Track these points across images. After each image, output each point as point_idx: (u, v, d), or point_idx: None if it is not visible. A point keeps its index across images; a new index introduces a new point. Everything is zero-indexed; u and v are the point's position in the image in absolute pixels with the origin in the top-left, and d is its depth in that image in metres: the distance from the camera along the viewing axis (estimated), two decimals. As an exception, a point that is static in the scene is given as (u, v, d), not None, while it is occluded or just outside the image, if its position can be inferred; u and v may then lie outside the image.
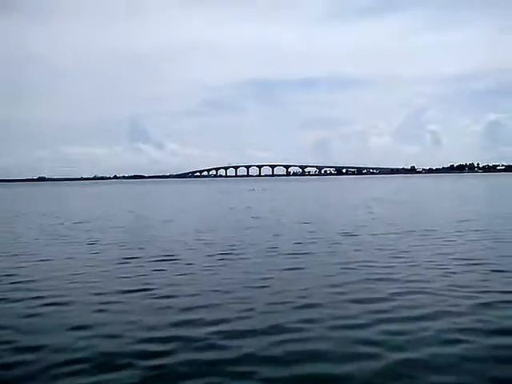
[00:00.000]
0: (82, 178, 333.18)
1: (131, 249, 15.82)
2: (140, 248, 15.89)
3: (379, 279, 10.59)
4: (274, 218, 26.13)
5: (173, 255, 14.11)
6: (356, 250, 14.53)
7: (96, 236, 19.37)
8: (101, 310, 8.69)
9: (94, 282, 11.00)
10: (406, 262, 12.54)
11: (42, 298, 9.61)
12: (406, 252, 14.09)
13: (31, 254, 15.22)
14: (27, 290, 10.32)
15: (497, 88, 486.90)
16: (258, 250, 14.89)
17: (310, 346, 6.81)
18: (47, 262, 13.79)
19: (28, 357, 6.63)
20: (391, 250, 14.55)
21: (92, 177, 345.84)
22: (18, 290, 10.33)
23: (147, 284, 10.59)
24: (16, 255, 15.21)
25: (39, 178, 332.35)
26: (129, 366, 6.28)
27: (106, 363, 6.37)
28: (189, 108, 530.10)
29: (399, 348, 6.66)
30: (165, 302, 9.16)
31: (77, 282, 10.96)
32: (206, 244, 16.44)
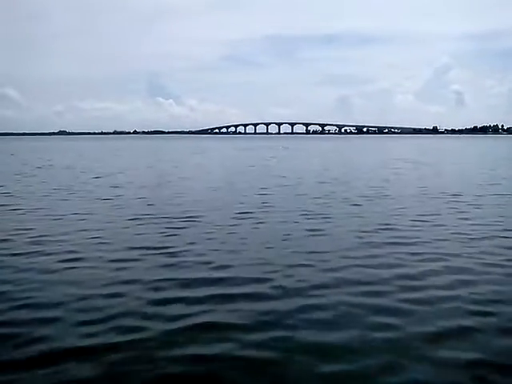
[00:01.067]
0: (102, 133, 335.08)
1: (149, 206, 15.61)
2: (157, 206, 15.65)
3: (402, 243, 10.15)
4: (295, 177, 25.62)
5: (191, 215, 13.75)
6: (379, 213, 14.04)
7: (113, 192, 19.18)
8: (117, 269, 8.44)
9: (109, 238, 10.78)
10: (431, 226, 12.05)
11: (57, 253, 9.45)
12: (431, 215, 13.54)
13: (49, 209, 15.11)
14: (42, 244, 10.15)
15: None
16: (277, 211, 14.48)
17: (326, 314, 6.45)
18: (65, 218, 13.64)
19: (42, 314, 6.45)
20: (415, 213, 14.02)
21: (112, 131, 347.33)
22: (33, 244, 10.18)
23: (164, 242, 10.32)
24: (35, 209, 15.09)
25: (60, 131, 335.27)
26: (143, 328, 6.03)
27: (120, 325, 6.12)
28: (208, 64, 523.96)
29: (419, 319, 6.28)
30: (181, 259, 8.90)
31: (93, 238, 10.75)
32: (224, 204, 16.10)
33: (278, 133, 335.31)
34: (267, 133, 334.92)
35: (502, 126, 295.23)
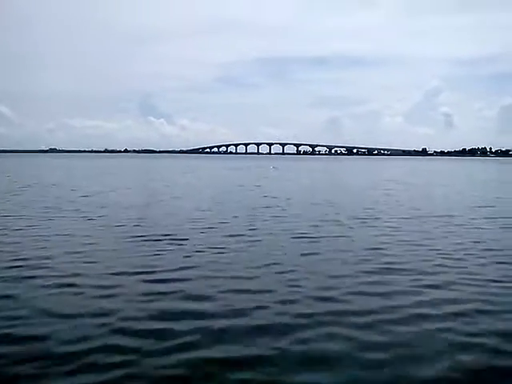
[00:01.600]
0: (92, 151, 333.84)
1: (137, 226, 15.29)
2: (146, 226, 15.36)
3: (396, 269, 9.92)
4: (286, 198, 25.43)
5: (179, 236, 13.45)
6: (373, 236, 13.85)
7: (101, 211, 18.84)
8: (99, 297, 8.10)
9: (92, 262, 10.45)
10: (425, 250, 11.87)
11: (40, 278, 9.09)
12: (425, 239, 13.38)
13: (34, 229, 14.74)
14: (25, 267, 9.79)
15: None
16: (270, 233, 14.23)
17: (315, 349, 6.15)
18: (50, 239, 13.27)
19: (24, 348, 6.13)
20: (409, 235, 13.86)
21: (103, 150, 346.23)
22: (15, 267, 9.80)
23: (150, 266, 10.00)
24: (20, 229, 14.71)
25: (50, 149, 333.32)
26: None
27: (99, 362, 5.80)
28: (200, 85, 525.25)
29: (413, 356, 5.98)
30: (170, 286, 8.59)
31: (75, 263, 10.40)
32: (213, 225, 15.82)
33: (269, 153, 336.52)
34: (258, 153, 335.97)
35: (490, 148, 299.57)
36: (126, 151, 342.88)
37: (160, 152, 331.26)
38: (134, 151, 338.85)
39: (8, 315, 7.10)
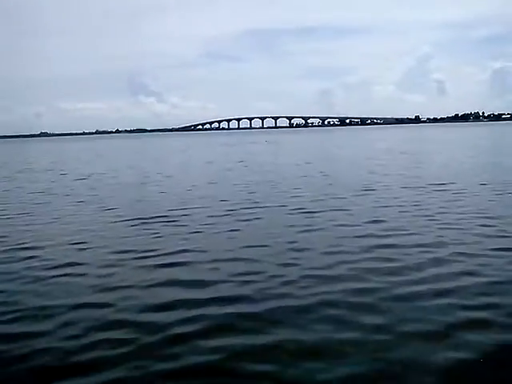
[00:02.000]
0: (84, 133, 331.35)
1: (133, 207, 15.20)
2: (140, 207, 15.27)
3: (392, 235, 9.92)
4: (280, 172, 25.33)
5: (177, 214, 13.41)
6: (372, 208, 13.79)
7: (95, 194, 18.68)
8: (101, 276, 8.06)
9: (92, 243, 10.38)
10: (426, 220, 11.85)
11: (40, 260, 9.01)
12: (425, 208, 13.35)
13: (29, 214, 14.60)
14: (23, 251, 9.70)
15: (503, 35, 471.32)
16: (268, 208, 14.16)
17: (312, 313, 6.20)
18: (46, 223, 13.15)
19: (28, 327, 6.07)
20: (409, 205, 13.83)
21: (94, 131, 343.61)
22: (13, 251, 9.73)
23: (149, 250, 9.92)
24: (15, 215, 14.56)
25: (41, 133, 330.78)
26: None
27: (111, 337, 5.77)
28: (188, 60, 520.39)
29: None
30: (168, 271, 8.53)
31: (75, 244, 10.33)
32: (211, 201, 15.74)
33: (262, 127, 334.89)
34: (251, 127, 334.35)
35: (483, 113, 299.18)
36: (117, 131, 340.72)
37: (152, 131, 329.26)
38: (126, 131, 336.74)
39: (7, 299, 7.04)
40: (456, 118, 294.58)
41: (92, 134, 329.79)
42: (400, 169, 24.85)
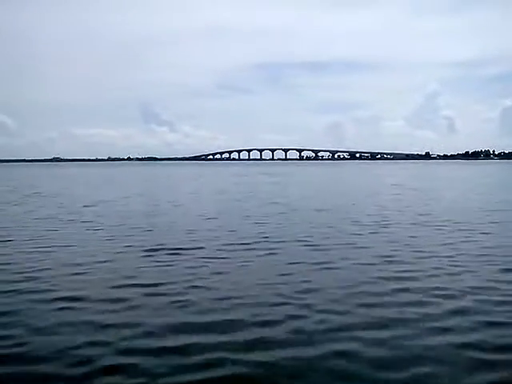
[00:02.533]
0: (96, 159, 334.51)
1: (140, 236, 14.89)
2: (148, 237, 14.95)
3: (407, 277, 9.48)
4: (293, 204, 25.00)
5: (184, 246, 13.06)
6: (383, 243, 13.39)
7: (103, 221, 18.43)
8: (103, 312, 7.70)
9: (95, 274, 10.05)
10: (438, 258, 11.40)
11: (43, 292, 8.68)
12: (437, 245, 12.92)
13: (34, 241, 14.33)
14: (27, 281, 9.38)
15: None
16: (280, 243, 13.77)
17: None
18: (51, 251, 12.86)
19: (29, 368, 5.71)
20: (420, 242, 13.40)
21: (106, 158, 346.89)
22: (17, 281, 9.42)
23: (152, 278, 9.58)
24: (21, 241, 14.30)
25: (54, 158, 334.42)
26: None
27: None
28: (200, 91, 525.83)
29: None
30: (177, 299, 8.15)
31: (77, 275, 10.01)
32: (220, 234, 15.40)
33: (272, 159, 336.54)
34: (261, 159, 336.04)
35: (493, 151, 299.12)
36: (129, 159, 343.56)
37: (163, 159, 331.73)
38: (137, 159, 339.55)
39: (5, 333, 6.70)
40: (466, 156, 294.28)
41: (104, 160, 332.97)
42: (411, 205, 24.40)
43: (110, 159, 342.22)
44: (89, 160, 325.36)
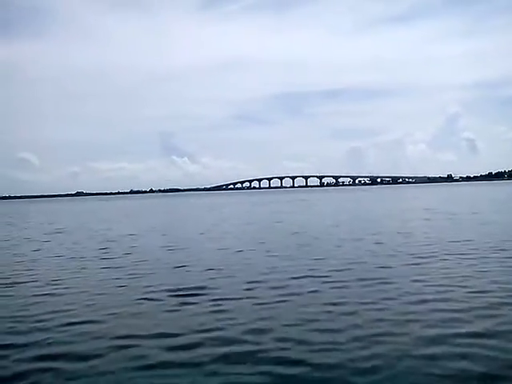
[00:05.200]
0: (118, 193, 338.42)
1: (168, 275, 13.88)
2: (171, 276, 13.93)
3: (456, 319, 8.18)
4: (323, 233, 23.77)
5: (208, 285, 12.01)
6: (423, 280, 12.08)
7: (120, 259, 17.51)
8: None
9: (109, 321, 9.01)
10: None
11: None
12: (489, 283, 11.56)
13: (56, 283, 13.42)
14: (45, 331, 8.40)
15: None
16: (310, 278, 12.59)
17: None
18: (71, 292, 11.92)
19: None
20: (469, 278, 12.05)
21: (128, 191, 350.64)
22: (36, 331, 8.45)
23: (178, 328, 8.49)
24: (42, 285, 13.41)
25: (77, 193, 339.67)
26: None
27: None
28: (219, 122, 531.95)
29: None
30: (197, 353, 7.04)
31: (88, 323, 9.00)
32: (249, 269, 14.29)
33: (293, 186, 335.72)
34: (281, 187, 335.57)
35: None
36: (151, 191, 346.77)
37: (185, 190, 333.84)
38: (160, 191, 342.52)
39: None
40: (490, 176, 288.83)
41: (127, 193, 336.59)
42: (442, 232, 22.82)
43: (132, 192, 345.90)
44: (111, 193, 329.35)
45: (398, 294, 10.30)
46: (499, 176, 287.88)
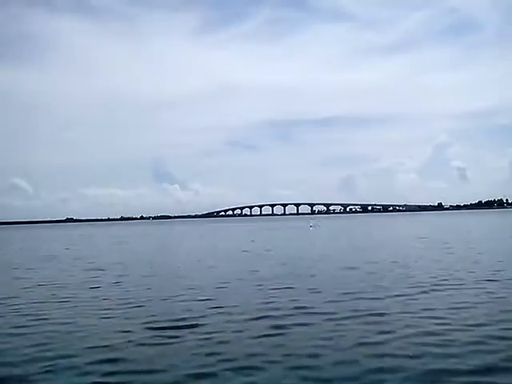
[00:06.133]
0: (108, 219, 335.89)
1: (154, 311, 13.38)
2: (157, 309, 13.42)
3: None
4: (318, 262, 23.36)
5: (198, 316, 11.55)
6: (428, 317, 11.73)
7: (107, 290, 16.97)
8: None
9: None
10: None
11: None
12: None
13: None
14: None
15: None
16: (309, 313, 12.19)
17: None
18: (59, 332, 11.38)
19: None
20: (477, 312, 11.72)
21: (119, 217, 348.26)
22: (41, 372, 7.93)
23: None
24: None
25: (67, 219, 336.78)
26: None
27: None
28: (210, 149, 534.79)
29: None
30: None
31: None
32: (244, 301, 13.85)
33: (284, 214, 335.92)
34: (273, 214, 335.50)
35: (507, 199, 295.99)
36: (141, 218, 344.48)
37: (175, 217, 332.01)
38: (150, 217, 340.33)
39: None
40: (480, 205, 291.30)
41: (117, 220, 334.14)
42: (461, 260, 22.54)
43: (122, 218, 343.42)
44: (101, 220, 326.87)
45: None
46: (489, 204, 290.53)
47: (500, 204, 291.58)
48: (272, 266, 22.64)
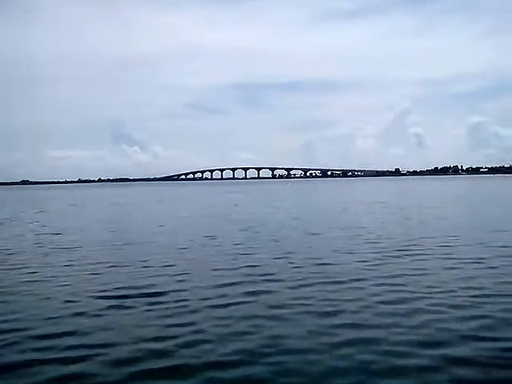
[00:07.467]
0: (66, 182, 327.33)
1: (116, 279, 12.79)
2: (122, 276, 12.84)
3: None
4: (275, 228, 23.19)
5: (160, 287, 11.06)
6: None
7: (66, 255, 16.19)
8: None
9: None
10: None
11: None
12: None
13: None
14: None
15: (478, 91, 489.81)
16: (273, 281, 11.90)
17: None
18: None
19: None
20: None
21: (76, 180, 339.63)
22: None
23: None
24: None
25: (22, 181, 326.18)
26: None
27: None
28: (173, 111, 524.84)
29: None
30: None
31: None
32: (207, 267, 13.43)
33: (245, 178, 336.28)
34: (234, 178, 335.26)
35: (462, 166, 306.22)
36: (100, 181, 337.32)
37: (135, 180, 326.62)
38: (109, 180, 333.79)
39: None
40: (436, 171, 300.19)
41: (74, 182, 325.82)
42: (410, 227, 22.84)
43: (80, 181, 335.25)
44: (58, 182, 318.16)
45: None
46: (444, 171, 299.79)
47: (455, 171, 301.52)
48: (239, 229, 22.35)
